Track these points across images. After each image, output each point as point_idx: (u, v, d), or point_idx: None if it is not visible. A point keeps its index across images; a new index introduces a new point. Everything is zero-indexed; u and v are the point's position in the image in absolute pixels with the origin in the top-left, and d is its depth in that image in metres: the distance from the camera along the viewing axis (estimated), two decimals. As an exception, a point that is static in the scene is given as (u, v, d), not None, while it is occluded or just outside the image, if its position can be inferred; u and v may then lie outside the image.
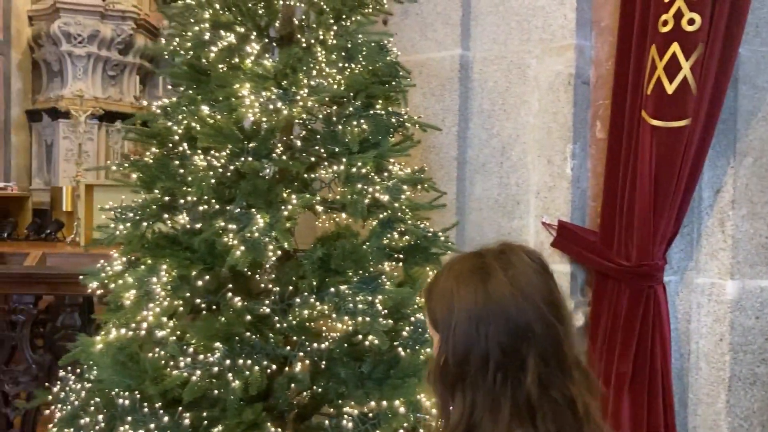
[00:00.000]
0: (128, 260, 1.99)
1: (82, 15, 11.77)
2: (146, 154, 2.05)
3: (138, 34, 12.52)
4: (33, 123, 12.26)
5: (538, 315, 1.00)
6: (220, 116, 1.87)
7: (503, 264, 1.04)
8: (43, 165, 12.17)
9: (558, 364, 1.00)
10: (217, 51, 1.88)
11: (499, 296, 1.00)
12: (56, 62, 12.16)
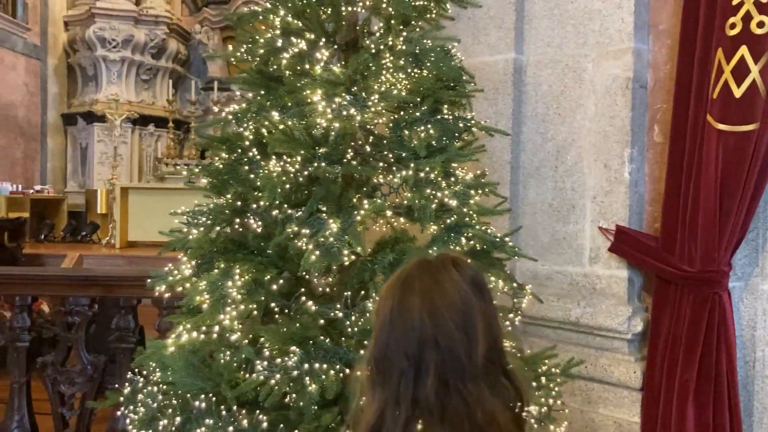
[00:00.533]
0: (198, 264, 2.01)
1: (116, 20, 11.95)
2: (216, 159, 2.06)
3: (170, 39, 12.70)
4: (68, 126, 12.48)
5: (444, 329, 1.06)
6: (291, 122, 1.89)
7: (424, 276, 1.12)
8: (78, 168, 12.37)
9: (460, 374, 1.05)
10: (289, 57, 1.90)
11: (408, 307, 1.08)
12: (91, 67, 12.36)
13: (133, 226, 10.11)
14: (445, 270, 1.12)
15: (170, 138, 12.38)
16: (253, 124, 1.98)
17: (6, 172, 10.89)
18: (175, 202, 8.69)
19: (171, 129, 12.39)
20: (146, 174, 12.43)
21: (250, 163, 1.98)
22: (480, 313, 1.09)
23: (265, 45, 1.94)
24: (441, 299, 1.08)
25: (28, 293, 3.18)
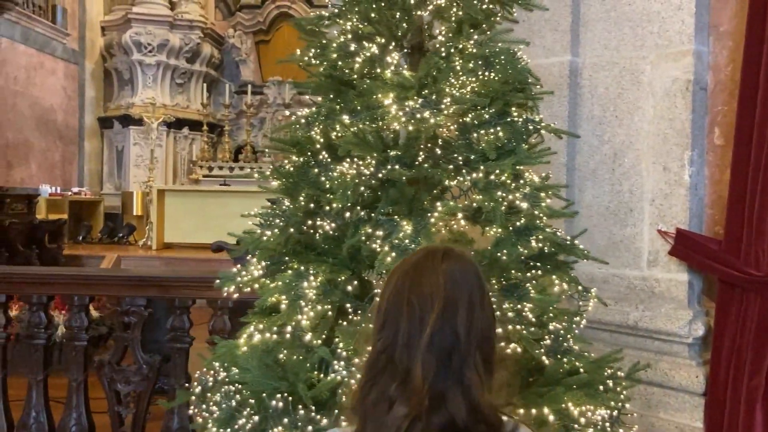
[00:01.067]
0: (268, 265, 2.04)
1: (152, 25, 12.14)
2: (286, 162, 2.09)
3: (204, 43, 12.85)
4: (104, 130, 12.69)
5: (402, 309, 1.16)
6: (362, 125, 1.91)
7: (412, 259, 1.23)
8: (114, 170, 12.57)
9: (404, 350, 1.14)
10: (361, 61, 1.92)
11: (388, 282, 1.23)
12: (127, 71, 12.57)
13: (169, 227, 10.25)
14: (431, 258, 1.20)
15: (204, 141, 12.53)
16: (323, 128, 2.00)
17: (45, 175, 11.11)
18: (210, 204, 8.94)
19: (205, 132, 12.54)
20: (180, 176, 12.60)
21: (320, 165, 2.01)
22: (442, 300, 1.14)
23: (338, 49, 1.96)
24: (411, 281, 1.17)
25: (86, 293, 3.25)
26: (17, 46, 10.43)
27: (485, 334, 1.17)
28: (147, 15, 12.13)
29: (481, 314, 1.17)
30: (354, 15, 1.96)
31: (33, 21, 10.72)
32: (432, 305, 1.14)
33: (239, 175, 12.02)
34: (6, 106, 10.21)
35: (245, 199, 10.41)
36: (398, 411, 1.11)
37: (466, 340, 1.14)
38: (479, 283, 1.20)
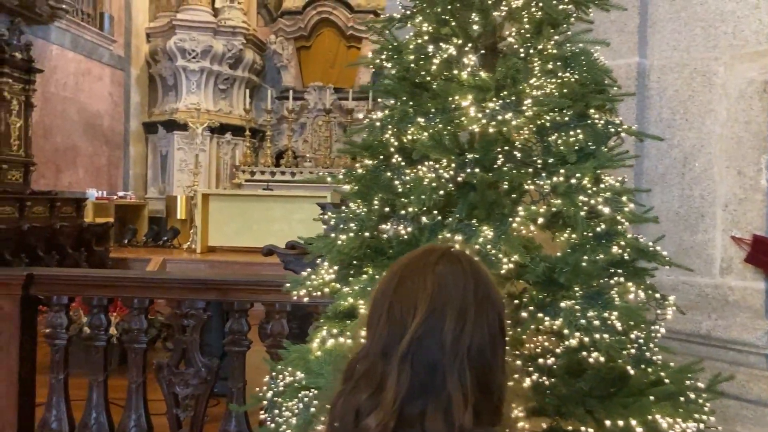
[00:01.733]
0: (340, 269, 2.02)
1: (196, 31, 12.32)
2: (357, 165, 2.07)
3: (247, 49, 12.99)
4: (149, 135, 12.90)
5: (387, 308, 1.07)
6: (438, 128, 1.87)
7: (407, 258, 1.14)
8: (158, 175, 12.76)
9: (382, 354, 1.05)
10: (438, 63, 1.89)
11: (380, 280, 1.15)
12: (171, 77, 12.77)
13: (213, 231, 10.36)
14: (425, 257, 1.11)
15: (247, 146, 12.65)
16: (396, 131, 1.97)
17: (92, 179, 11.34)
18: (253, 208, 9.00)
19: (247, 137, 12.67)
20: (223, 181, 12.74)
21: (393, 169, 1.98)
22: (427, 306, 1.03)
23: (415, 51, 1.93)
24: (398, 282, 1.08)
25: (146, 296, 3.27)
26: (67, 53, 10.67)
27: (480, 348, 1.03)
28: (191, 21, 12.31)
29: (476, 326, 1.03)
30: (430, 16, 1.93)
31: (82, 28, 10.97)
32: (415, 310, 1.03)
33: (283, 180, 12.11)
34: (55, 112, 10.44)
35: (287, 203, 10.49)
36: (366, 424, 1.01)
37: (452, 354, 1.01)
38: (478, 291, 1.07)
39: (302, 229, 9.91)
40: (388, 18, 2.21)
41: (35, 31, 9.82)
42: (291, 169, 12.54)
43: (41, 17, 9.71)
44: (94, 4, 11.60)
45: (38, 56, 9.50)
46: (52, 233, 8.20)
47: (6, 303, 3.23)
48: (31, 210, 8.17)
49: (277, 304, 3.22)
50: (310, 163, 12.82)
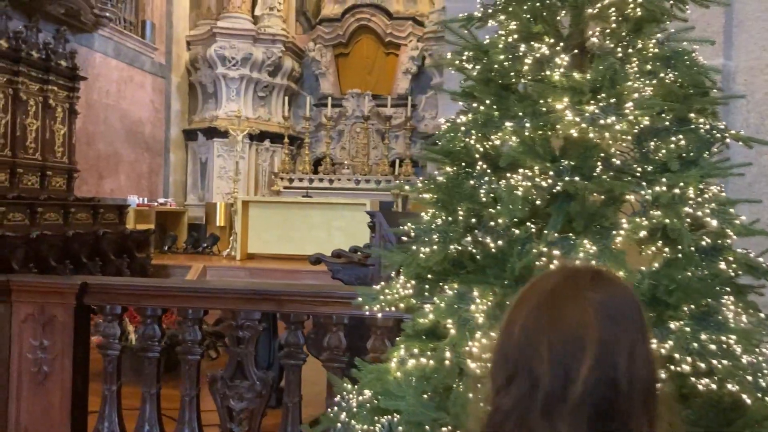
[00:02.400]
0: (419, 284, 1.90)
1: (236, 39, 12.35)
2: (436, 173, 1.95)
3: (286, 57, 13.00)
4: (188, 142, 12.97)
5: (537, 354, 0.91)
6: (529, 133, 1.74)
7: (547, 285, 0.98)
8: (197, 181, 12.81)
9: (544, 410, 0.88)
10: (531, 63, 1.76)
11: (513, 318, 0.98)
12: (211, 84, 12.82)
13: (253, 238, 10.33)
14: (574, 283, 0.94)
15: (285, 153, 12.64)
16: (480, 136, 1.84)
17: (133, 186, 11.41)
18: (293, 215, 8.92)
19: (286, 144, 12.66)
20: (261, 188, 12.74)
21: (477, 176, 1.85)
22: (597, 345, 0.87)
23: (504, 51, 1.80)
24: (549, 317, 0.91)
25: (201, 306, 3.19)
26: (110, 61, 10.77)
27: (650, 383, 0.91)
28: (231, 29, 12.36)
29: (645, 358, 0.91)
30: (519, 14, 1.80)
31: (124, 36, 11.07)
32: (582, 351, 0.86)
33: (322, 187, 12.06)
34: (98, 119, 10.54)
35: (327, 211, 10.43)
36: None
37: (628, 397, 0.87)
38: (640, 317, 0.93)
39: (341, 237, 9.94)
40: (467, 17, 2.08)
41: (80, 39, 9.93)
42: (329, 176, 12.49)
43: (86, 25, 9.81)
44: (136, 12, 11.72)
45: (82, 64, 9.59)
46: (96, 240, 8.23)
47: (60, 312, 3.17)
48: (75, 216, 8.22)
49: (335, 317, 3.11)
50: (348, 170, 12.75)
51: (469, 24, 2.06)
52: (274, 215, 10.38)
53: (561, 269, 1.04)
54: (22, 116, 8.43)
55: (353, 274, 4.79)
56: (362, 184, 12.40)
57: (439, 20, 2.36)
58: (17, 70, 8.28)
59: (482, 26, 2.06)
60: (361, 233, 10.47)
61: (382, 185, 12.27)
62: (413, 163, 12.69)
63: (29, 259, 7.07)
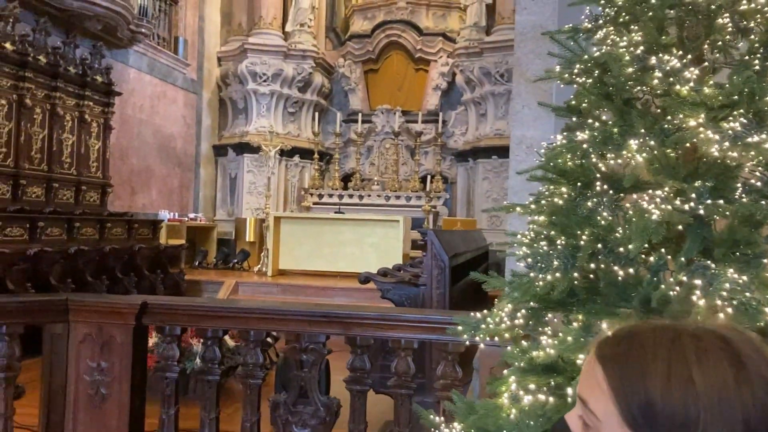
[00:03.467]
0: (532, 313, 1.76)
1: (267, 55, 12.36)
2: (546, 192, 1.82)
3: (316, 73, 12.98)
4: (218, 157, 12.96)
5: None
6: (658, 151, 1.61)
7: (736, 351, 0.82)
8: (227, 197, 12.78)
9: None
10: (661, 77, 1.63)
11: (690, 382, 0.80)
12: (241, 100, 12.83)
13: (284, 254, 10.24)
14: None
15: (315, 168, 12.59)
16: (600, 154, 1.72)
17: (164, 200, 11.40)
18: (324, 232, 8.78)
19: (315, 160, 12.61)
20: (290, 203, 12.68)
21: (596, 197, 1.72)
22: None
23: (631, 63, 1.68)
24: (746, 383, 0.77)
25: (263, 328, 3.08)
26: (144, 77, 10.80)
27: None
28: (262, 45, 12.37)
29: None
30: (648, 24, 1.68)
31: (158, 52, 11.11)
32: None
33: (352, 203, 11.98)
34: (132, 134, 10.55)
35: (359, 227, 10.32)
36: None
37: None
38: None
39: (374, 253, 9.76)
40: (573, 28, 1.97)
41: (115, 54, 9.97)
42: (359, 192, 12.40)
43: (122, 41, 9.86)
44: (170, 28, 11.77)
45: (117, 79, 9.62)
46: (131, 255, 8.18)
47: (118, 333, 3.07)
48: (111, 232, 8.18)
49: (403, 341, 2.98)
50: (377, 186, 12.66)
51: (575, 35, 1.95)
52: (306, 231, 10.29)
53: (729, 329, 0.86)
54: (59, 131, 8.45)
55: (404, 294, 4.67)
56: (392, 200, 12.30)
57: (547, 32, 2.24)
58: (55, 86, 8.32)
59: (590, 38, 1.94)
60: (393, 250, 10.38)
61: (413, 201, 12.17)
62: (443, 179, 12.58)
63: (66, 274, 7.03)
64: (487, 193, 11.82)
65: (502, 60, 11.75)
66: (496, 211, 1.98)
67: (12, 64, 7.62)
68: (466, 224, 10.94)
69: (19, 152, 7.73)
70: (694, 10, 1.69)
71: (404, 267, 6.00)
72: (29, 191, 7.91)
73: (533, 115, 3.26)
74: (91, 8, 8.59)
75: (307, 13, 12.67)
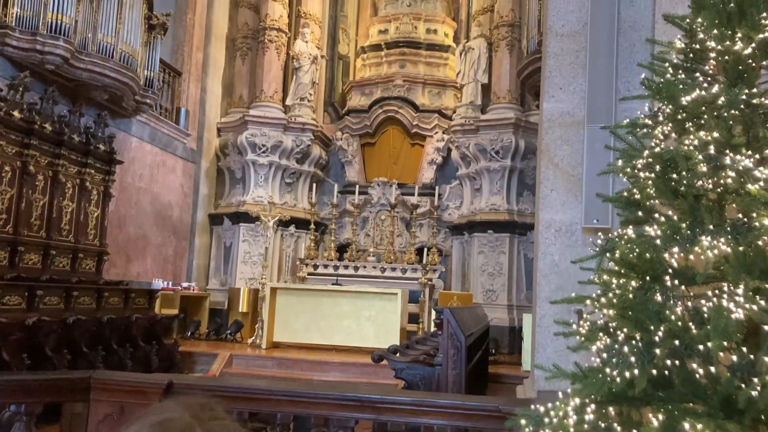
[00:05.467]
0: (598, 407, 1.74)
1: (267, 127, 12.55)
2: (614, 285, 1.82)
3: (314, 145, 13.16)
4: (213, 226, 12.93)
5: None
6: (733, 247, 1.63)
7: None
8: (220, 266, 12.69)
9: None
10: (734, 176, 1.67)
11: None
12: (239, 170, 12.92)
13: (279, 326, 10.10)
14: None
15: (311, 239, 12.58)
16: (670, 249, 1.73)
17: (159, 269, 11.28)
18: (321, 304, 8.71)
19: (312, 231, 12.61)
20: (285, 274, 12.59)
21: (665, 292, 1.72)
22: None
23: (702, 161, 1.72)
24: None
25: (293, 411, 2.99)
26: (145, 145, 10.88)
27: None
28: (263, 117, 12.56)
29: None
30: (722, 123, 1.73)
31: (160, 122, 11.23)
32: None
33: (347, 274, 11.92)
34: (130, 202, 10.53)
35: (356, 299, 10.23)
36: None
37: None
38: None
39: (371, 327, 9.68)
40: (632, 123, 2.02)
41: (118, 123, 10.06)
42: (355, 263, 12.37)
43: (126, 111, 9.97)
44: (172, 99, 11.95)
45: (119, 148, 9.67)
46: (127, 325, 8.02)
47: (141, 414, 2.97)
48: (108, 301, 8.04)
49: (436, 427, 2.91)
50: (373, 257, 12.64)
51: (634, 131, 2.00)
52: (303, 303, 10.18)
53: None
54: (59, 198, 8.42)
55: (418, 374, 4.59)
56: (388, 272, 12.26)
57: (610, 126, 2.30)
58: (58, 153, 8.33)
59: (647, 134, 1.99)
60: (391, 324, 10.27)
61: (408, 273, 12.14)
62: (438, 251, 12.61)
63: (62, 344, 6.85)
64: (482, 266, 11.84)
65: (498, 137, 12.01)
66: (563, 302, 1.97)
67: (18, 132, 7.65)
68: (462, 298, 10.89)
69: (19, 219, 7.67)
70: (761, 112, 1.74)
71: (412, 344, 5.94)
72: (26, 258, 7.80)
73: (561, 200, 3.30)
74: (100, 79, 8.71)
75: (307, 88, 12.94)
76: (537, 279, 3.32)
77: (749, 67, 1.79)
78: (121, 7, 9.00)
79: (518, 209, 12.01)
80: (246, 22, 13.30)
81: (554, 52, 3.38)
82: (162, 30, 10.17)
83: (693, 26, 1.91)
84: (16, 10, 7.92)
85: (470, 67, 12.79)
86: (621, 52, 3.18)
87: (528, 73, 10.34)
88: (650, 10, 3.27)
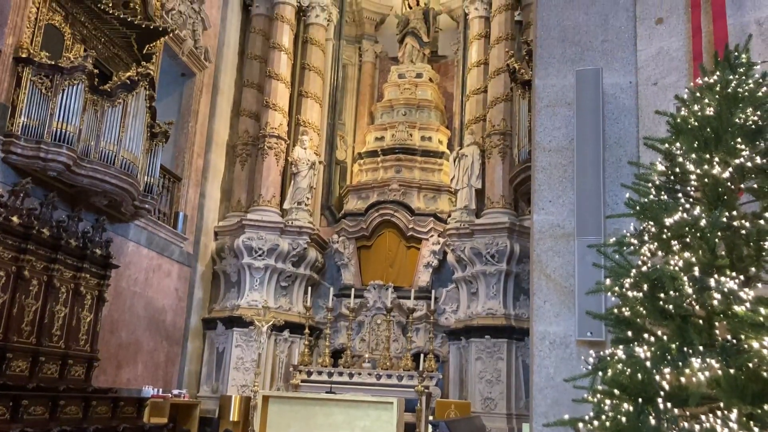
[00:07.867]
0: None
1: (264, 231, 12.66)
2: (606, 407, 1.80)
3: (310, 248, 13.23)
4: (207, 331, 12.77)
5: None
6: (722, 370, 1.62)
7: None
8: (212, 372, 12.43)
9: None
10: (720, 298, 1.69)
11: None
12: (235, 273, 12.91)
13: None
14: None
15: (305, 344, 12.39)
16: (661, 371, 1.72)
17: (149, 375, 11.04)
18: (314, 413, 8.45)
19: (306, 335, 12.45)
20: (277, 380, 12.32)
21: (659, 415, 1.70)
22: None
23: (687, 282, 1.74)
24: None
25: None
26: (141, 250, 10.92)
27: None
28: (260, 221, 12.70)
29: None
30: (705, 244, 1.76)
31: (158, 227, 11.33)
32: None
33: (342, 382, 11.66)
34: (124, 307, 10.45)
35: (350, 409, 9.94)
36: None
37: None
38: None
39: (366, 438, 9.04)
40: (618, 241, 2.06)
41: (116, 228, 10.14)
42: (349, 370, 12.13)
43: (124, 216, 10.07)
44: (171, 203, 12.11)
45: (115, 252, 9.71)
46: (114, 436, 7.76)
47: None
48: (95, 410, 7.81)
49: None
50: (368, 364, 12.40)
51: (621, 249, 2.04)
52: (295, 412, 9.89)
53: None
54: (53, 303, 8.36)
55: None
56: (383, 379, 12.00)
57: (597, 244, 2.31)
58: (55, 258, 8.35)
59: (634, 252, 2.03)
60: (388, 434, 9.94)
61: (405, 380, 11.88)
62: (435, 357, 12.39)
63: (44, 458, 6.61)
64: (480, 373, 11.60)
65: (493, 241, 12.10)
66: (556, 425, 1.94)
67: (16, 237, 7.70)
68: (460, 407, 10.61)
69: (9, 324, 7.57)
70: (742, 234, 1.78)
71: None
72: (14, 365, 7.64)
73: (554, 311, 3.30)
74: (100, 185, 8.86)
75: (305, 193, 13.17)
76: (533, 393, 3.26)
77: (728, 190, 1.85)
78: (125, 117, 9.27)
79: (515, 314, 11.92)
80: (246, 129, 13.70)
81: (542, 166, 3.48)
82: (164, 137, 10.45)
83: (672, 150, 1.99)
84: (23, 119, 8.17)
85: (464, 172, 13.07)
86: (607, 166, 3.28)
87: (520, 180, 10.58)
88: (634, 127, 3.40)
